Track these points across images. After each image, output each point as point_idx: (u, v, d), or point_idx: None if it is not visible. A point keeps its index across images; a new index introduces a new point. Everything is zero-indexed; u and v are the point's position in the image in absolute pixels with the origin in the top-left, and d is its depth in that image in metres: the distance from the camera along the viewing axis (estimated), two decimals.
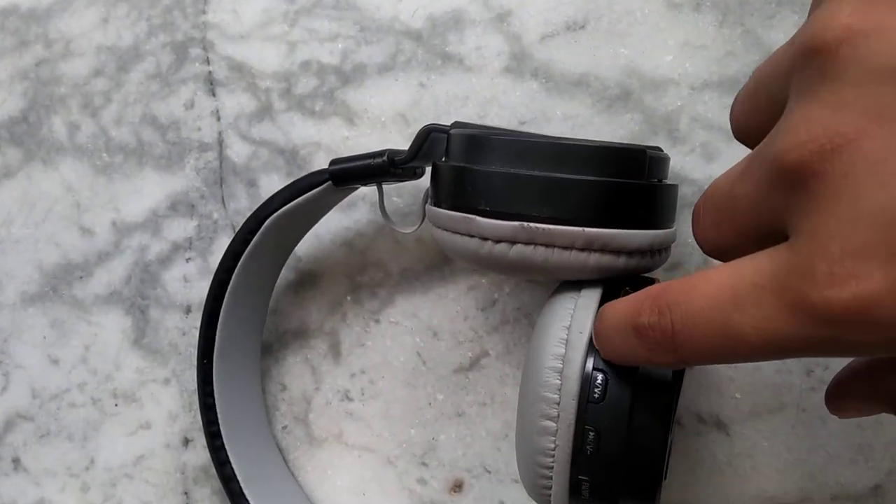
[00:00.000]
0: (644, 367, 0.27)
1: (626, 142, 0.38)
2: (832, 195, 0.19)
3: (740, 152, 0.37)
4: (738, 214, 0.23)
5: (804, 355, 0.21)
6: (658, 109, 0.38)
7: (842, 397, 0.28)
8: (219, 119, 0.44)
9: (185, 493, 0.45)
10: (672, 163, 0.38)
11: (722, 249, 0.24)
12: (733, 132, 0.27)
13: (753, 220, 0.23)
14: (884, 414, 0.36)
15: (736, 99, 0.26)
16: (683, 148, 0.38)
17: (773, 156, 0.21)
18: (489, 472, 0.41)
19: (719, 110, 0.37)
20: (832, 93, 0.20)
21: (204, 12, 0.44)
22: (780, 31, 0.37)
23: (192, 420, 0.45)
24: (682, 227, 0.35)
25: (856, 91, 0.19)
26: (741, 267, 0.22)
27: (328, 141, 0.42)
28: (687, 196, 0.38)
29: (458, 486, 0.41)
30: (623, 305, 0.26)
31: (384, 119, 0.41)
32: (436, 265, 0.41)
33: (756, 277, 0.21)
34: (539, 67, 0.39)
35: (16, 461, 0.48)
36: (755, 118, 0.25)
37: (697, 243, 0.25)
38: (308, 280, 0.43)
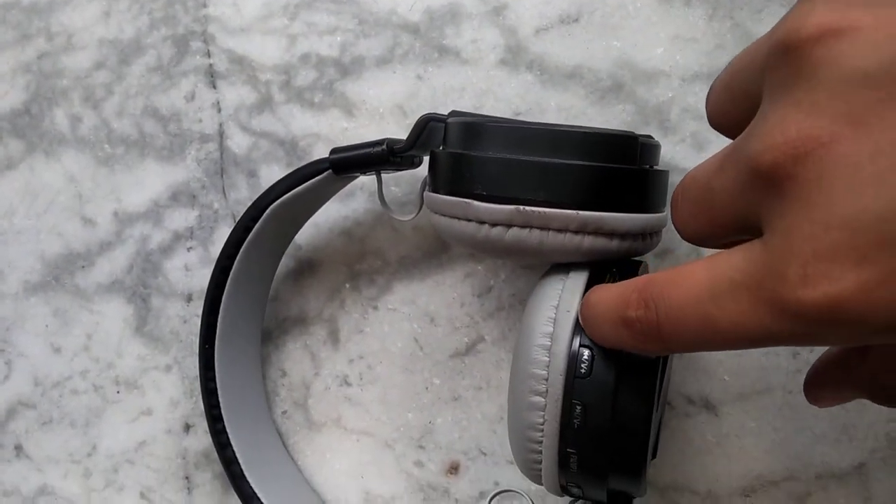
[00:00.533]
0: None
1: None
2: (805, 198, 0.20)
3: (729, 141, 0.38)
4: (714, 207, 0.24)
5: (779, 345, 0.22)
6: (650, 100, 0.39)
7: (818, 386, 0.29)
8: (219, 111, 0.45)
9: (187, 478, 0.46)
10: (663, 152, 0.39)
11: (700, 237, 0.25)
12: (709, 121, 0.27)
13: (730, 213, 0.23)
14: None
15: (711, 88, 0.27)
16: (674, 138, 0.39)
17: (749, 156, 0.21)
18: (485, 454, 0.42)
19: None
20: (806, 94, 0.20)
21: (205, 6, 0.44)
22: (768, 25, 0.38)
23: (193, 406, 0.46)
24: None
25: (829, 94, 0.20)
26: (719, 263, 0.22)
27: (327, 132, 0.43)
28: (677, 183, 0.39)
29: (454, 469, 0.42)
30: (610, 296, 0.27)
31: (382, 110, 0.42)
32: (433, 253, 0.42)
33: (732, 274, 0.22)
34: (534, 60, 0.40)
35: (18, 448, 0.49)
36: (730, 110, 0.25)
37: (676, 230, 0.26)
38: (308, 268, 0.44)
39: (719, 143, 0.38)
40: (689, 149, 0.39)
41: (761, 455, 0.39)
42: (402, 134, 0.42)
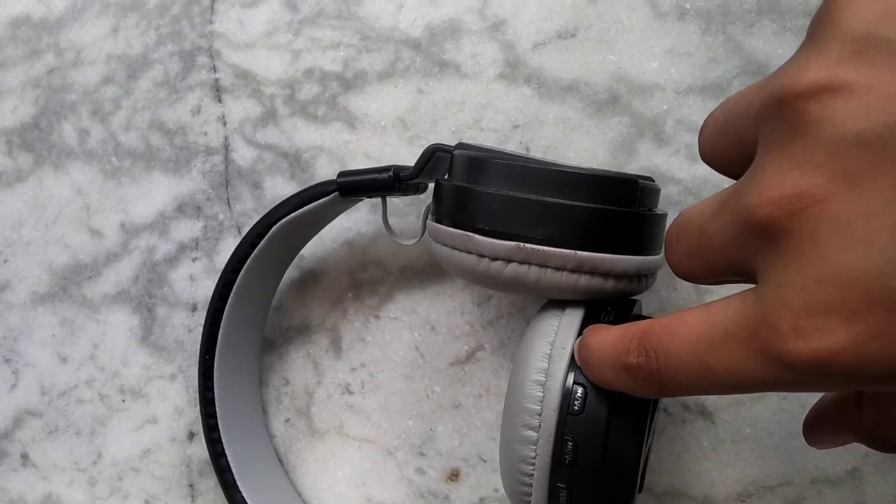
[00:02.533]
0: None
1: (618, 167, 0.40)
2: (799, 252, 0.20)
3: None
4: (708, 251, 0.25)
5: (775, 391, 0.23)
6: (645, 113, 0.40)
7: (816, 431, 0.30)
8: (225, 124, 0.46)
9: (191, 486, 0.47)
10: (658, 163, 0.40)
11: (694, 277, 0.26)
12: (701, 156, 0.28)
13: (723, 258, 0.24)
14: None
15: (704, 125, 0.27)
16: (669, 149, 0.40)
17: (746, 207, 0.22)
18: (484, 460, 0.43)
19: (703, 114, 0.39)
20: (802, 151, 0.21)
21: (211, 22, 0.46)
22: (760, 39, 0.39)
23: (197, 415, 0.46)
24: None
25: (825, 152, 0.20)
26: (714, 313, 0.23)
27: (330, 145, 0.44)
28: (672, 195, 0.39)
29: (454, 475, 0.43)
30: (609, 341, 0.27)
31: (384, 123, 0.43)
32: (433, 263, 0.43)
33: (727, 324, 0.23)
34: (532, 74, 0.41)
35: (24, 457, 0.49)
36: (722, 151, 0.26)
37: (671, 268, 0.27)
38: (310, 278, 0.45)
39: None
40: (683, 160, 0.39)
41: (757, 461, 0.39)
42: (404, 146, 0.43)
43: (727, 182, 0.39)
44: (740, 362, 0.22)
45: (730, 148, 0.25)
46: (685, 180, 0.39)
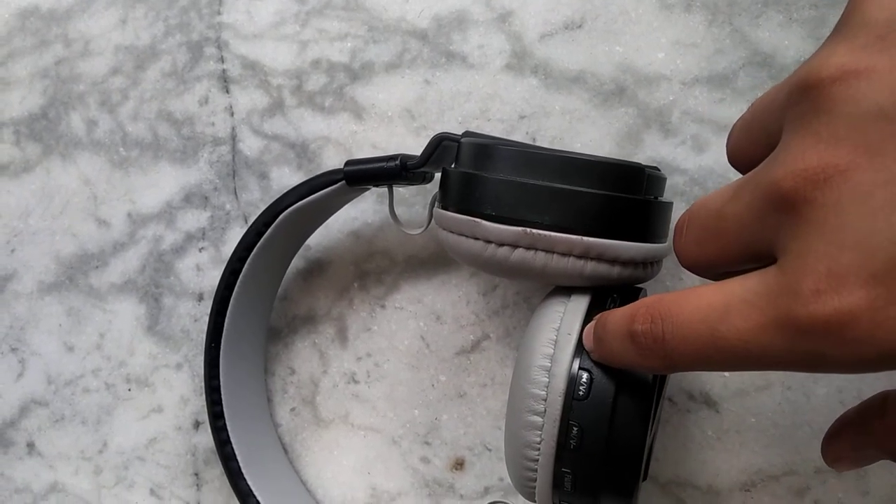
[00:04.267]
0: (630, 369, 0.29)
1: (625, 157, 0.40)
2: (822, 220, 0.21)
3: None
4: (724, 233, 0.25)
5: (784, 369, 0.23)
6: (651, 104, 0.40)
7: (837, 447, 0.29)
8: (232, 115, 0.46)
9: (196, 475, 0.47)
10: (663, 154, 0.40)
11: (701, 266, 0.26)
12: (728, 158, 0.28)
13: (740, 240, 0.24)
14: (863, 387, 0.38)
15: (733, 127, 0.28)
16: (675, 140, 0.40)
17: (769, 181, 0.22)
18: (489, 450, 0.43)
19: (709, 104, 0.39)
20: (826, 127, 0.21)
21: (219, 13, 0.46)
22: (766, 30, 0.39)
23: (203, 404, 0.46)
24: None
25: (848, 126, 0.21)
26: (732, 285, 0.23)
27: (337, 135, 0.44)
28: (678, 185, 0.40)
29: (459, 464, 0.43)
30: (620, 313, 0.27)
31: (391, 114, 0.43)
32: (439, 253, 0.43)
33: (746, 295, 0.23)
34: (538, 65, 0.41)
35: (30, 445, 0.49)
36: (749, 148, 0.26)
37: (677, 256, 0.27)
38: (317, 268, 0.45)
39: (719, 144, 0.39)
40: (689, 150, 0.40)
41: (761, 450, 0.39)
42: (410, 136, 0.43)
43: (733, 173, 0.39)
44: (752, 330, 0.22)
45: (755, 142, 0.26)
46: (691, 171, 0.40)
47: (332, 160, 0.44)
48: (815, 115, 0.22)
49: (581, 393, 0.29)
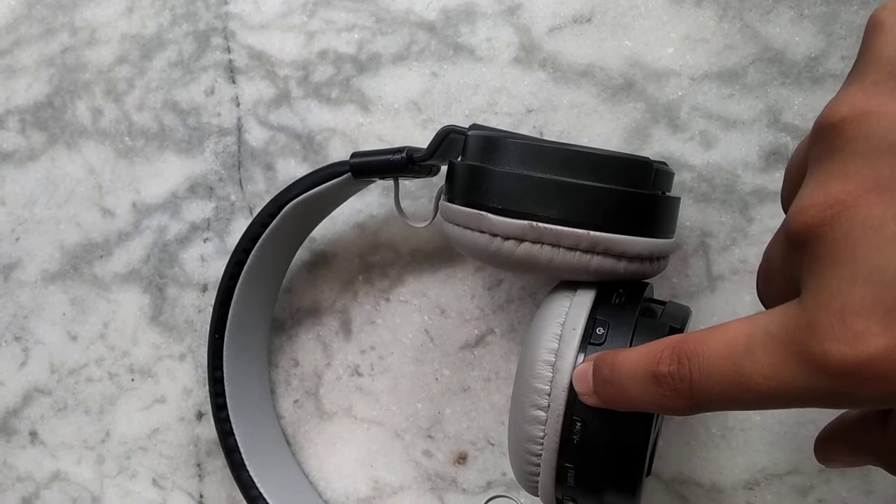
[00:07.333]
0: (645, 411, 0.28)
1: (632, 152, 0.40)
2: (833, 256, 0.21)
3: (737, 140, 0.39)
4: (771, 274, 0.26)
5: (810, 405, 0.22)
6: (660, 99, 0.40)
7: (829, 448, 0.29)
8: (238, 105, 0.46)
9: (198, 465, 0.47)
10: (672, 149, 0.40)
11: (772, 306, 0.26)
12: (782, 206, 0.29)
13: (781, 278, 0.25)
14: None
15: (784, 172, 0.29)
16: (683, 135, 0.40)
17: (788, 220, 0.23)
18: (492, 444, 0.43)
19: (718, 100, 0.39)
20: (838, 164, 0.22)
21: (226, 3, 0.46)
22: (777, 26, 0.38)
23: (206, 394, 0.46)
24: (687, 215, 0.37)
25: (857, 163, 0.21)
26: (758, 319, 0.23)
27: (343, 127, 0.44)
28: (686, 181, 0.39)
29: (462, 458, 0.43)
30: (640, 354, 0.27)
31: (397, 106, 0.43)
32: (444, 246, 0.43)
33: (770, 328, 0.22)
34: (547, 58, 0.41)
35: (33, 434, 0.49)
36: (792, 193, 0.26)
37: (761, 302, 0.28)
38: (321, 260, 0.45)
39: (727, 140, 0.39)
40: (697, 146, 0.39)
41: (765, 448, 0.39)
42: (417, 129, 0.43)
43: (741, 170, 0.39)
44: (778, 366, 0.22)
45: (792, 185, 0.27)
46: (699, 167, 0.39)
47: (338, 152, 0.44)
48: (829, 155, 0.22)
49: None
